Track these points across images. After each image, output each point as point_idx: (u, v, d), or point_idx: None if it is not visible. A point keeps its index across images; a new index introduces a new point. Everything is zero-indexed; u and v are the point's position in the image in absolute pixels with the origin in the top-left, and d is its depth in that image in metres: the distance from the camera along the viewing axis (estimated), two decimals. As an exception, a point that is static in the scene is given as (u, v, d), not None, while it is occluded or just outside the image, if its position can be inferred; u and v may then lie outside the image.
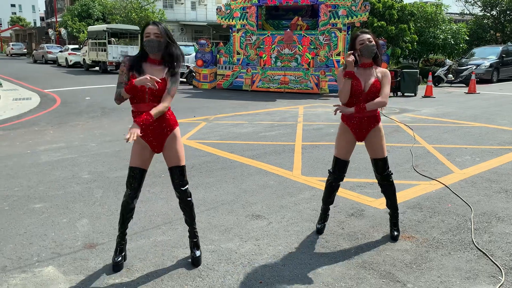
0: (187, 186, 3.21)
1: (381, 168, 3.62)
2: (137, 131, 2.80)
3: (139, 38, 3.00)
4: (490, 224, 3.99)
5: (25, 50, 48.09)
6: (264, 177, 5.38)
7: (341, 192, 4.76)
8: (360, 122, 3.53)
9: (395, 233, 3.69)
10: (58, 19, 43.26)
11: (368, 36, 3.40)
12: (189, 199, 3.23)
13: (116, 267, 3.15)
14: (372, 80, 3.43)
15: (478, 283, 3.01)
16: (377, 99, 3.43)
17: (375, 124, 3.56)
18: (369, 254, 3.43)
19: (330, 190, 3.77)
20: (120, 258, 3.18)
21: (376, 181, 3.73)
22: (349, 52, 3.43)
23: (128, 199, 3.17)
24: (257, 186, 5.06)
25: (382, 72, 3.49)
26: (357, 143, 3.65)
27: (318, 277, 3.09)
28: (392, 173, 3.68)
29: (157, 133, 3.08)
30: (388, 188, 3.68)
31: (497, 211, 4.28)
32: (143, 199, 4.59)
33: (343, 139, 3.63)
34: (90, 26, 29.23)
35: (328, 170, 3.78)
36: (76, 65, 28.27)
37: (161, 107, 2.97)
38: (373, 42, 3.40)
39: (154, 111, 2.92)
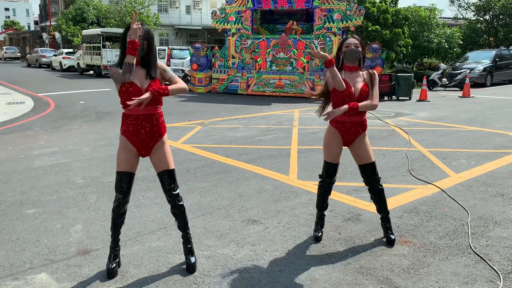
0: (178, 190, 3.17)
1: (371, 173, 3.60)
2: (146, 98, 2.87)
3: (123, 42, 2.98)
4: (487, 228, 3.98)
5: (19, 54, 47.84)
6: (260, 182, 5.34)
7: (338, 197, 4.74)
8: (350, 127, 3.52)
9: (392, 236, 3.67)
10: (52, 23, 43.09)
11: (356, 41, 3.42)
12: (181, 203, 3.19)
13: (110, 274, 3.10)
14: (361, 84, 3.44)
15: (476, 288, 2.99)
16: (370, 102, 3.42)
17: (362, 131, 3.57)
18: (367, 259, 3.40)
19: (323, 194, 3.75)
20: (114, 265, 3.14)
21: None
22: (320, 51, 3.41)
23: (118, 204, 3.14)
24: (253, 190, 5.02)
25: (368, 73, 3.49)
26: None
27: (315, 282, 3.06)
28: (380, 178, 3.67)
29: (148, 137, 3.06)
30: (378, 194, 3.66)
31: (493, 215, 4.27)
32: (138, 204, 4.55)
33: (333, 143, 3.60)
34: (84, 30, 29.13)
35: (319, 175, 3.75)
36: (70, 69, 28.14)
37: (180, 85, 3.06)
38: (359, 48, 3.40)
39: (172, 87, 3.01)
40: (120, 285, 3.01)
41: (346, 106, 3.39)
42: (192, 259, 3.22)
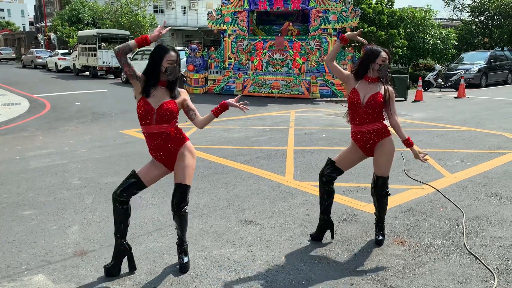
0: (185, 207, 3.11)
1: (380, 188, 3.60)
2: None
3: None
4: (481, 228, 4.01)
5: (14, 55, 47.61)
6: (256, 182, 5.36)
7: (334, 197, 4.75)
8: (362, 137, 3.53)
9: (380, 237, 3.70)
10: (47, 24, 42.96)
11: (388, 57, 3.44)
12: (183, 215, 3.13)
13: (110, 272, 3.13)
14: (373, 93, 3.43)
15: (471, 287, 3.01)
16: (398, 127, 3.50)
17: (380, 138, 3.53)
18: (362, 259, 3.42)
19: (327, 191, 3.68)
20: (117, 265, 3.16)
21: (368, 185, 3.74)
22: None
23: (115, 196, 3.08)
24: (250, 191, 5.04)
25: (385, 89, 3.47)
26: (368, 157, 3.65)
27: (312, 283, 3.07)
28: (389, 194, 3.66)
29: (165, 153, 3.11)
30: (380, 205, 3.67)
31: (488, 215, 4.31)
32: (135, 205, 4.54)
33: (349, 151, 3.64)
34: (80, 31, 29.05)
35: (319, 174, 3.74)
36: (66, 70, 28.02)
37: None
38: (389, 63, 3.46)
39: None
40: (117, 286, 3.01)
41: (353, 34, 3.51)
42: (185, 259, 3.23)
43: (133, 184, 3.10)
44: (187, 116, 3.23)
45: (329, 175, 3.65)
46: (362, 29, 3.79)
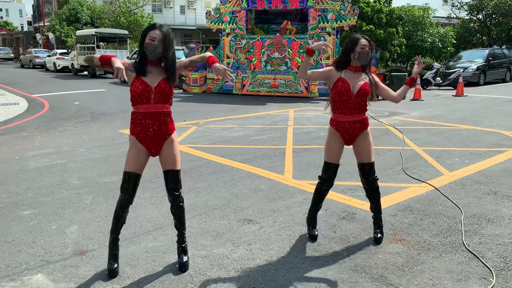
0: (180, 190, 3.19)
1: (367, 173, 3.63)
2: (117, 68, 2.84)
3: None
4: (480, 226, 4.02)
5: (12, 54, 47.53)
6: (255, 181, 5.37)
7: (333, 196, 4.76)
8: (349, 126, 3.54)
9: (379, 235, 3.71)
10: (46, 24, 42.88)
11: (367, 43, 3.46)
12: (181, 204, 3.21)
13: (112, 273, 3.12)
14: (361, 83, 3.47)
15: (470, 285, 3.02)
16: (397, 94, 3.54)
17: (363, 129, 3.58)
18: (361, 257, 3.43)
19: (321, 196, 3.75)
20: (116, 265, 3.15)
21: None
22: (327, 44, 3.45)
23: (122, 205, 3.14)
24: (249, 190, 5.04)
25: (374, 78, 3.56)
26: (345, 146, 3.67)
27: (311, 281, 3.08)
28: (377, 178, 3.70)
29: (157, 136, 3.07)
30: (373, 193, 3.70)
31: (486, 213, 4.32)
32: (133, 204, 4.51)
33: (333, 144, 3.62)
34: (78, 31, 29.03)
35: (319, 176, 3.75)
36: (64, 69, 27.96)
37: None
38: (369, 49, 3.46)
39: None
40: (117, 286, 3.02)
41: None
42: (185, 258, 3.24)
43: (133, 180, 3.10)
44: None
45: (330, 184, 3.68)
46: (326, 41, 3.81)
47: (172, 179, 3.15)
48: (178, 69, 3.12)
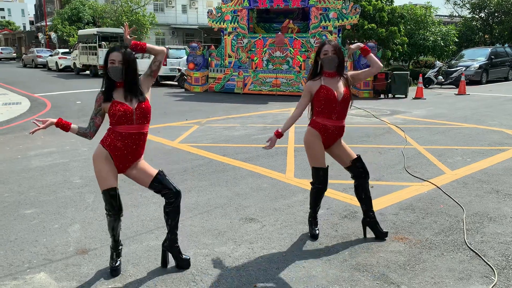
0: (178, 188, 3.17)
1: (361, 167, 3.65)
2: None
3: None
4: (482, 224, 4.02)
5: (15, 54, 47.64)
6: (257, 180, 5.37)
7: (334, 194, 4.77)
8: (334, 131, 3.57)
9: (382, 230, 3.72)
10: (48, 23, 42.95)
11: (332, 48, 3.42)
12: (179, 200, 3.17)
13: (114, 272, 3.13)
14: (342, 90, 3.49)
15: (471, 283, 3.02)
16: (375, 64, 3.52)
17: (341, 135, 3.65)
18: (363, 256, 3.43)
19: (317, 200, 3.75)
20: (118, 263, 3.16)
21: (371, 182, 3.75)
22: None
23: (113, 220, 3.10)
24: (250, 189, 5.05)
25: (348, 75, 3.57)
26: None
27: (313, 279, 3.09)
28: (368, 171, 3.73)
29: (131, 157, 3.07)
30: (366, 187, 3.69)
31: (488, 212, 4.32)
32: (135, 203, 4.57)
33: (318, 148, 3.62)
34: (80, 30, 29.06)
35: (311, 182, 3.74)
36: (66, 69, 28.05)
37: (159, 48, 3.11)
38: (336, 54, 3.42)
39: (151, 45, 3.08)
40: (119, 284, 3.03)
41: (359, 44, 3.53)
42: (186, 256, 3.26)
43: (117, 195, 3.08)
44: None
45: (325, 188, 3.70)
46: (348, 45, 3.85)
47: (163, 183, 3.10)
48: (143, 82, 3.10)
